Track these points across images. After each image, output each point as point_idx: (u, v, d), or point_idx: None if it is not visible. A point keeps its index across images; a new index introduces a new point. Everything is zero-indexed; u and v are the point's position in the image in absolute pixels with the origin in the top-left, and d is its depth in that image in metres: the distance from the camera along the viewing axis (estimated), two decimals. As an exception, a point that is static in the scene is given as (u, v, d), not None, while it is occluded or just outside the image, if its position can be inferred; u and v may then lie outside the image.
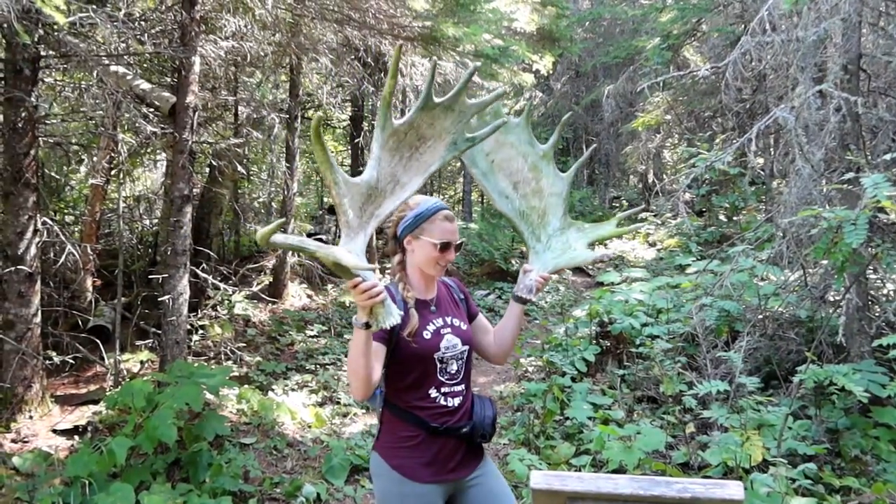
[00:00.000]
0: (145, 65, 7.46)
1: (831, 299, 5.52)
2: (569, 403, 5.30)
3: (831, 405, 4.79)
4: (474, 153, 2.46)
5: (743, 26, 10.06)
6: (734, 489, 1.33)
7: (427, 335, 2.37)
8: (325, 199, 16.52)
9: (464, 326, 2.48)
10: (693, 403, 4.35)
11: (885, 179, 3.20)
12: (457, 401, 2.40)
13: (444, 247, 2.35)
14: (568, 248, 2.51)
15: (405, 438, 2.35)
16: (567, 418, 5.20)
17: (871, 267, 5.05)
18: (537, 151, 2.50)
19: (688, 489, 1.31)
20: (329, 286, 10.21)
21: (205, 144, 7.59)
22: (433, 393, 2.36)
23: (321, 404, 6.22)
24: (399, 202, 2.13)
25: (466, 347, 2.46)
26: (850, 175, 3.78)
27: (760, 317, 5.60)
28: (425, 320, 2.39)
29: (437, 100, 2.10)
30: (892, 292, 5.83)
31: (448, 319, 2.45)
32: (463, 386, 2.44)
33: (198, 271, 6.49)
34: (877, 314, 5.26)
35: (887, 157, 3.90)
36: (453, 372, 2.41)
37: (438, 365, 2.38)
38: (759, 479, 3.44)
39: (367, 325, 2.06)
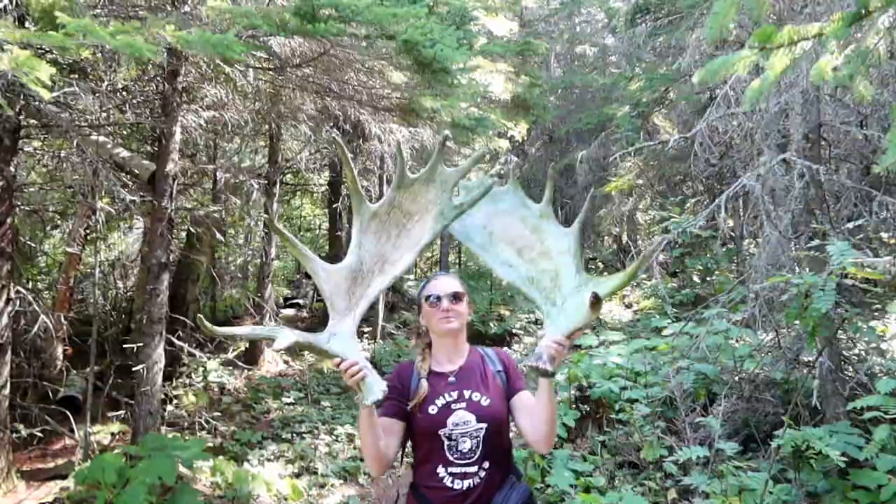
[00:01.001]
0: (125, 133, 7.53)
1: (805, 360, 5.60)
2: (550, 470, 5.24)
3: (810, 468, 4.80)
4: (468, 228, 2.39)
5: (709, 94, 10.47)
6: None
7: (433, 410, 2.27)
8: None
9: (485, 402, 2.29)
10: (674, 469, 4.34)
11: (849, 246, 3.32)
12: (466, 483, 2.24)
13: (434, 300, 2.34)
14: (582, 306, 2.22)
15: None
16: (548, 486, 5.13)
17: (841, 329, 5.17)
18: (535, 212, 2.40)
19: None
20: (306, 352, 10.10)
21: (182, 211, 7.62)
22: (440, 471, 2.26)
23: (298, 475, 6.08)
24: (390, 280, 2.15)
25: (483, 425, 2.26)
26: (817, 242, 3.91)
27: (737, 379, 5.66)
28: (436, 393, 2.30)
29: (412, 176, 2.15)
30: (862, 352, 5.94)
31: (467, 393, 2.30)
32: (478, 467, 2.25)
33: (173, 339, 6.41)
34: (850, 375, 5.35)
35: (850, 225, 4.05)
36: (465, 451, 2.25)
37: (446, 442, 2.25)
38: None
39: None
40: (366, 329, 11.43)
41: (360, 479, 6.26)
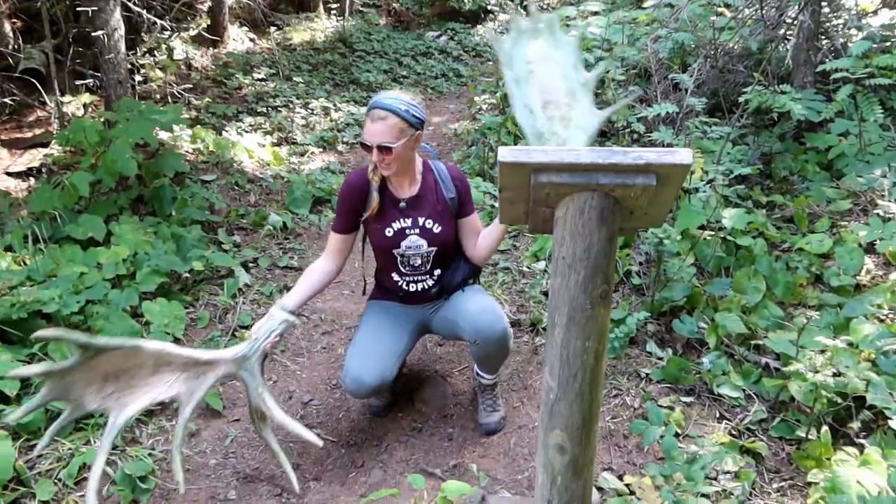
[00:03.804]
0: None
1: (782, 33, 5.54)
2: (522, 136, 5.43)
3: (768, 133, 5.06)
4: (513, 55, 2.15)
5: None
6: (684, 155, 1.45)
7: (389, 233, 2.52)
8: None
9: (437, 229, 2.54)
10: (642, 129, 4.51)
11: None
12: (420, 286, 2.63)
13: (364, 146, 2.38)
14: None
15: (380, 290, 2.76)
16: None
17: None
18: (579, 78, 2.16)
19: (642, 157, 1.42)
20: (272, 29, 9.66)
21: None
22: (396, 277, 2.62)
23: (277, 144, 6.25)
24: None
25: (434, 248, 2.56)
26: None
27: (712, 52, 5.62)
28: (391, 217, 2.51)
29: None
30: (841, 25, 5.87)
31: (420, 220, 2.52)
32: (428, 276, 2.63)
33: (130, 4, 6.02)
34: (824, 44, 5.35)
35: None
36: (416, 265, 2.59)
37: (399, 258, 2.57)
38: (697, 189, 3.72)
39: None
40: (333, 5, 10.83)
41: (339, 148, 6.48)
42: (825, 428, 2.43)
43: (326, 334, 3.61)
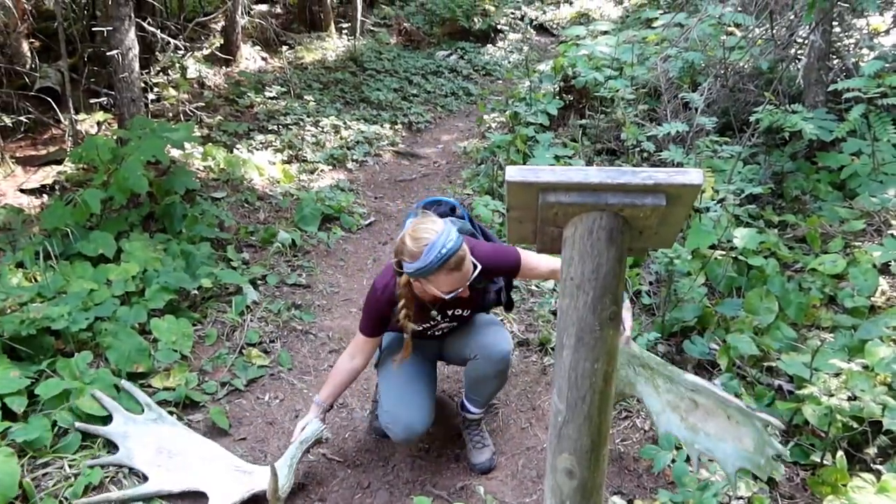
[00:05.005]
0: None
1: (793, 53, 5.53)
2: (532, 155, 5.43)
3: (780, 153, 5.03)
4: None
5: None
6: (694, 175, 1.42)
7: (420, 328, 2.47)
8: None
9: (466, 313, 2.54)
10: (652, 148, 4.50)
11: None
12: (445, 329, 2.62)
13: (437, 295, 2.25)
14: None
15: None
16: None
17: (836, 17, 5.01)
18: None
19: (652, 177, 1.40)
20: (284, 48, 9.75)
21: None
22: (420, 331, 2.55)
23: (287, 162, 6.27)
24: None
25: (463, 323, 2.60)
26: None
27: (722, 71, 5.62)
28: (424, 319, 2.46)
29: None
30: (852, 44, 5.85)
31: (450, 312, 2.50)
32: (456, 324, 2.61)
33: (144, 24, 6.09)
34: (835, 64, 5.33)
35: None
36: (445, 329, 2.60)
37: (428, 335, 2.59)
38: (708, 208, 3.70)
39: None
40: (344, 25, 10.93)
41: (349, 165, 6.50)
42: (840, 453, 2.38)
43: (334, 352, 3.59)
